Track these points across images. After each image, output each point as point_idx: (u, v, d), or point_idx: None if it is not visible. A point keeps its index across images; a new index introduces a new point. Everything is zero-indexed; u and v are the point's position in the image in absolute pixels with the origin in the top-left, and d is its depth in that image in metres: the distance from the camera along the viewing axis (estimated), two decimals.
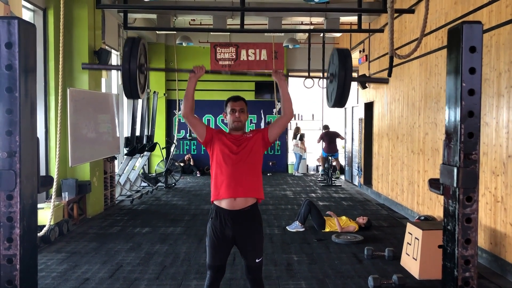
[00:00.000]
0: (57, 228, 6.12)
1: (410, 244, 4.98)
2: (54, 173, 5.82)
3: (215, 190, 3.11)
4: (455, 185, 1.32)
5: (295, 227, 6.74)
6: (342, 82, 2.93)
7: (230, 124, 3.21)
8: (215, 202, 3.13)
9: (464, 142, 1.33)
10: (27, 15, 6.73)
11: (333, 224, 6.66)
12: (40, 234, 5.63)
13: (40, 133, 6.97)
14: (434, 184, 1.49)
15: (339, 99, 2.98)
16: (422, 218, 6.45)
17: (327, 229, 6.61)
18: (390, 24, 3.87)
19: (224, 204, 3.07)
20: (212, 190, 3.15)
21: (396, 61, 6.54)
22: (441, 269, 1.42)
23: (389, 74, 4.09)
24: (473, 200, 1.33)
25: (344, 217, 6.83)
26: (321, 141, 12.89)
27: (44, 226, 5.78)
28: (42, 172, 6.96)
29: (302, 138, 13.57)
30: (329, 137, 12.36)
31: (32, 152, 1.46)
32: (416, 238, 4.84)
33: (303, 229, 6.70)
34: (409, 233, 5.05)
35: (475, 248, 1.34)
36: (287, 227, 6.81)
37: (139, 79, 2.93)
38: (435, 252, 4.67)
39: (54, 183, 5.73)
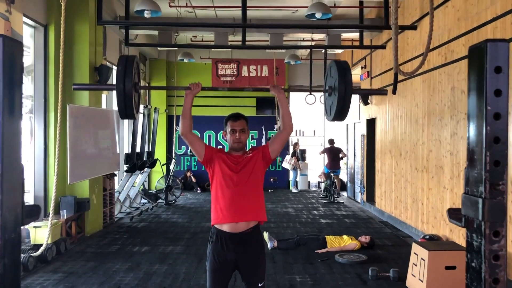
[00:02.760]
0: (54, 247, 5.98)
1: (416, 265, 4.84)
2: (52, 190, 5.73)
3: (216, 213, 3.00)
4: (480, 218, 1.21)
5: (271, 245, 6.56)
6: (342, 94, 2.84)
7: (230, 144, 3.10)
8: (215, 225, 3.02)
9: (489, 171, 1.23)
10: (28, 32, 6.70)
11: (335, 242, 6.51)
12: (37, 253, 5.50)
13: (39, 150, 6.89)
14: (454, 215, 1.39)
15: (339, 112, 2.89)
16: (427, 237, 6.32)
17: (329, 246, 6.46)
18: (394, 40, 3.80)
19: (225, 227, 2.96)
20: (212, 212, 3.03)
21: (399, 77, 6.48)
22: None
23: (394, 91, 4.01)
24: (501, 235, 1.22)
25: (345, 236, 6.68)
26: (324, 154, 12.79)
27: (41, 245, 5.68)
28: (40, 190, 6.87)
29: (294, 154, 13.46)
30: (333, 153, 12.27)
31: (17, 181, 1.35)
32: (422, 258, 4.71)
33: (271, 247, 6.53)
34: (414, 253, 4.92)
35: None
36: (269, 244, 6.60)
37: (134, 98, 2.83)
38: (442, 273, 4.55)
39: (52, 201, 5.64)
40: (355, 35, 9.30)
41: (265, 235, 6.68)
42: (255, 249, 3.01)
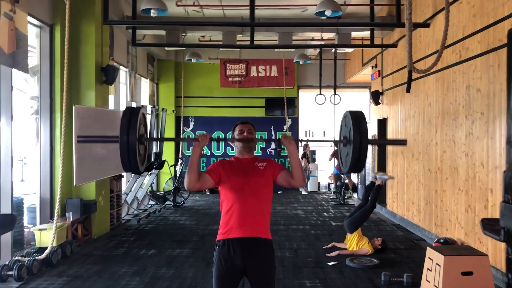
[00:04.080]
0: (59, 250, 5.88)
1: (430, 270, 4.66)
2: (57, 192, 5.64)
3: (225, 227, 2.89)
4: None
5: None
6: (357, 145, 2.72)
7: (239, 146, 3.02)
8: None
9: None
10: (33, 32, 6.62)
11: (353, 241, 6.31)
12: (41, 257, 5.42)
13: (45, 151, 6.81)
14: (489, 226, 1.23)
15: (355, 164, 2.76)
16: (442, 240, 6.11)
17: (347, 243, 6.33)
18: (409, 36, 3.63)
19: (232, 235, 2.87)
20: (222, 225, 2.92)
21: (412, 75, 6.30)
22: None
23: (408, 90, 3.85)
24: None
25: (365, 238, 6.42)
26: (333, 158, 12.59)
27: (46, 248, 5.59)
28: (46, 192, 6.79)
29: (304, 156, 13.27)
30: None
31: None
32: (437, 264, 4.52)
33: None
34: (429, 258, 4.73)
35: None
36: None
37: (139, 151, 2.73)
38: (458, 279, 4.36)
39: (57, 203, 5.55)
40: (366, 33, 9.11)
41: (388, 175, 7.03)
42: (263, 254, 2.88)
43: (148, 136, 3.02)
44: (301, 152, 13.60)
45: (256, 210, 2.89)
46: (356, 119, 2.77)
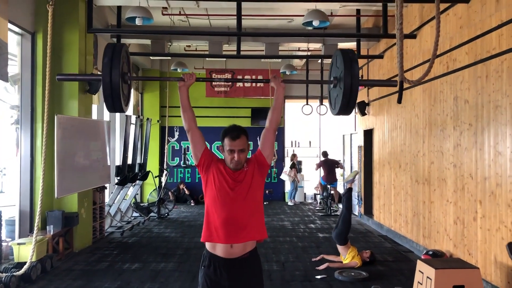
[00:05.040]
0: (39, 265, 5.66)
1: (421, 284, 4.58)
2: (37, 204, 5.44)
3: (209, 230, 2.69)
4: None
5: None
6: (348, 87, 2.64)
7: (228, 163, 2.77)
8: (207, 247, 2.73)
9: None
10: (14, 39, 6.45)
11: (344, 255, 6.21)
12: (20, 272, 5.20)
13: (25, 162, 6.60)
14: None
15: (345, 106, 2.69)
16: (430, 253, 6.07)
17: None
18: (399, 47, 3.59)
19: (219, 251, 2.67)
20: (205, 228, 2.72)
21: (396, 88, 6.29)
22: None
23: (399, 101, 3.80)
24: None
25: (355, 250, 6.33)
26: (319, 168, 12.52)
27: (25, 263, 5.37)
28: (26, 205, 6.57)
29: (293, 166, 13.20)
30: (329, 166, 11.99)
31: None
32: (428, 277, 4.45)
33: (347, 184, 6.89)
34: (420, 271, 4.66)
35: None
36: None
37: (122, 90, 2.59)
38: None
39: (38, 216, 5.35)
40: (352, 44, 9.13)
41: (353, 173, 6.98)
42: (251, 275, 2.73)
43: (134, 145, 2.89)
44: (288, 162, 13.52)
45: (245, 214, 2.68)
46: (347, 60, 2.69)
